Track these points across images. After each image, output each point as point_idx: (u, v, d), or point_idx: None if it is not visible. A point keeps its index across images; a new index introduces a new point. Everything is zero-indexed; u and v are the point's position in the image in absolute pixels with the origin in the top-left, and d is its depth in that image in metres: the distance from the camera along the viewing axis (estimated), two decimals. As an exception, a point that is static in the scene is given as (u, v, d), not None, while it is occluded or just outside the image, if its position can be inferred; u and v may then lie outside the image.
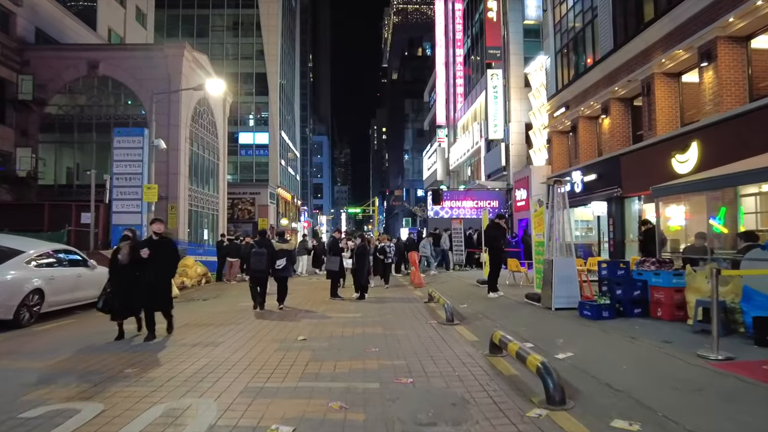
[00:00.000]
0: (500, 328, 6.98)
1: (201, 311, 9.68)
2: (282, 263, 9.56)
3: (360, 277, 11.13)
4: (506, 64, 25.24)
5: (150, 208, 13.61)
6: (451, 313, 7.87)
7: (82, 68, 22.79)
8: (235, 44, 47.03)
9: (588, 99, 16.82)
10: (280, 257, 9.57)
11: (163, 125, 22.72)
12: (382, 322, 8.02)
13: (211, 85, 14.99)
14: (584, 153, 17.67)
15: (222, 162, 29.80)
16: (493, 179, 25.90)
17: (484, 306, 9.29)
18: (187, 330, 7.48)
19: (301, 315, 8.90)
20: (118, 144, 13.80)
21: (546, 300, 8.38)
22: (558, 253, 8.31)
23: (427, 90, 53.11)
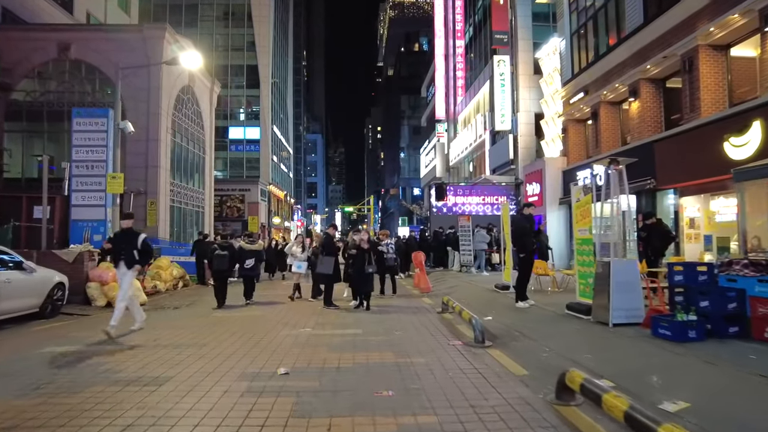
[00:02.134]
0: (550, 352, 5.19)
1: (164, 324, 7.80)
2: (250, 263, 10.35)
3: (359, 281, 9.32)
4: (514, 50, 23.47)
5: (115, 201, 11.70)
6: (482, 331, 6.05)
7: (51, 51, 20.76)
8: (226, 35, 45.01)
9: (611, 81, 15.07)
10: (249, 257, 10.30)
11: (142, 113, 20.83)
12: (390, 343, 6.18)
13: (187, 59, 13.09)
14: (606, 142, 15.92)
15: (209, 156, 27.84)
16: (500, 173, 24.13)
17: (516, 319, 7.48)
18: (134, 354, 5.61)
19: (286, 331, 7.05)
20: (77, 126, 11.90)
21: (599, 313, 6.58)
22: (614, 254, 6.51)
23: (424, 85, 51.31)
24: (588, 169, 16.20)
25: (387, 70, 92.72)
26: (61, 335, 6.98)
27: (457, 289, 11.92)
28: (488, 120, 26.33)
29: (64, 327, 7.79)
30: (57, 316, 8.89)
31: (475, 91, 30.26)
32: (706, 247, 11.70)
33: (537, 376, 4.62)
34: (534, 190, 19.16)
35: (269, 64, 45.35)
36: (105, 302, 10.49)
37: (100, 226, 11.71)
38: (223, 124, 42.95)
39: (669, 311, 5.97)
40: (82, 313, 9.40)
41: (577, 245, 7.57)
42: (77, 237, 11.44)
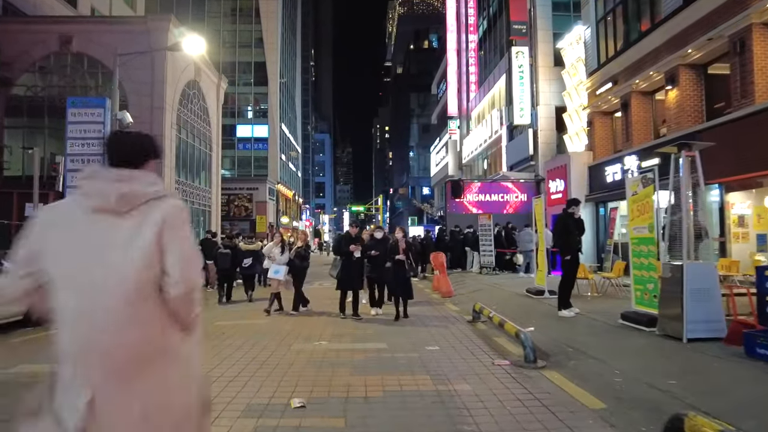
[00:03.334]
0: (622, 375, 4.21)
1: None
2: (248, 262, 10.88)
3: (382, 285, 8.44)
4: (532, 42, 22.40)
5: (112, 198, 10.82)
6: (533, 348, 5.06)
7: (53, 44, 20.07)
8: (233, 31, 44.30)
9: (645, 69, 13.99)
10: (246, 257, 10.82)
11: (146, 108, 20.10)
12: (422, 362, 5.21)
13: (190, 45, 12.21)
14: (638, 134, 14.83)
15: (215, 153, 27.06)
16: (517, 170, 23.07)
17: (563, 331, 6.47)
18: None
19: (298, 345, 6.11)
20: (72, 117, 11.04)
21: (668, 325, 5.57)
22: (686, 256, 5.50)
23: (435, 82, 50.29)
24: (618, 164, 15.15)
25: (396, 68, 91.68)
26: (40, 348, 6.09)
27: (483, 294, 10.92)
28: (505, 115, 25.29)
29: (48, 338, 6.89)
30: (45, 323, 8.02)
31: (489, 85, 29.23)
32: (758, 247, 10.62)
33: (618, 409, 3.64)
34: (557, 187, 18.09)
35: (277, 61, 44.57)
36: (100, 307, 9.62)
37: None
38: (230, 122, 42.25)
39: (761, 325, 4.95)
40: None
41: (632, 245, 6.55)
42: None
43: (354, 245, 7.97)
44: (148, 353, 1.52)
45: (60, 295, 1.52)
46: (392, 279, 7.97)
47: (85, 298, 1.49)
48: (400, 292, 7.98)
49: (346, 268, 8.05)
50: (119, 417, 1.45)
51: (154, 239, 1.52)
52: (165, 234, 1.54)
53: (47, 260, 1.53)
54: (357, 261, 8.05)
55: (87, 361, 1.48)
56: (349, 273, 8.01)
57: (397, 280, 7.93)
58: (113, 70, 11.20)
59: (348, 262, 8.04)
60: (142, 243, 1.51)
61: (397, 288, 7.99)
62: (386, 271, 7.96)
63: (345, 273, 8.05)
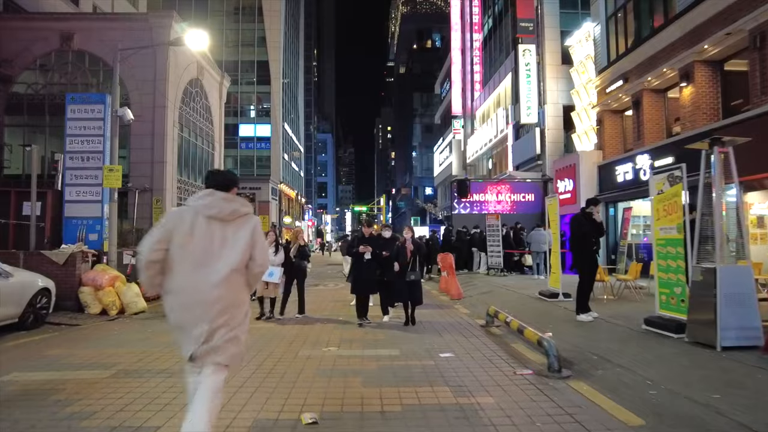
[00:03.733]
0: (656, 387, 3.89)
1: (161, 339, 6.58)
2: None
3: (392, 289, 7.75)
4: (540, 39, 22.06)
5: (113, 197, 10.53)
6: (557, 357, 4.74)
7: (54, 41, 19.85)
8: (236, 30, 44.03)
9: (658, 66, 13.65)
10: None
11: (148, 106, 19.86)
12: (440, 371, 4.89)
13: (192, 39, 11.92)
14: (650, 133, 14.49)
15: (218, 152, 26.79)
16: (524, 170, 22.72)
17: (584, 337, 6.15)
18: (115, 388, 4.37)
19: (306, 351, 5.80)
20: (71, 114, 10.72)
21: (699, 331, 5.25)
22: (719, 258, 5.18)
23: (438, 81, 49.93)
24: (629, 163, 14.83)
25: (399, 68, 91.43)
26: (34, 354, 5.79)
27: (493, 296, 10.60)
28: (511, 113, 24.97)
29: (43, 342, 6.61)
30: (41, 326, 7.74)
31: (495, 84, 28.90)
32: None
33: (659, 428, 3.33)
34: (566, 186, 17.75)
35: (280, 60, 44.32)
36: (99, 309, 9.34)
37: (96, 224, 10.54)
38: (233, 121, 42.02)
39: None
40: (71, 323, 8.24)
41: (657, 246, 6.22)
42: (71, 236, 10.31)
43: (363, 246, 7.49)
44: (235, 300, 2.68)
45: (179, 265, 2.60)
46: (401, 282, 7.42)
47: (202, 267, 2.59)
48: (407, 296, 7.50)
49: (357, 270, 7.68)
50: (221, 333, 2.60)
51: (249, 239, 2.69)
52: (254, 236, 2.72)
53: (174, 242, 2.60)
54: (369, 263, 7.54)
55: (205, 308, 2.57)
56: (360, 275, 7.57)
57: (405, 284, 7.42)
58: (113, 66, 10.90)
59: (358, 263, 7.64)
60: (243, 240, 2.67)
61: (405, 292, 7.50)
62: (394, 274, 7.46)
63: (356, 275, 7.69)
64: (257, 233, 2.75)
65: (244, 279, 2.73)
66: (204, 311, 2.56)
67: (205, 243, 2.61)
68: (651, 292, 9.53)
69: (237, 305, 2.70)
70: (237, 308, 2.70)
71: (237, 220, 2.71)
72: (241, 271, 2.69)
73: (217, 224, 2.65)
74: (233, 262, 2.63)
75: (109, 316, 9.18)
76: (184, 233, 2.60)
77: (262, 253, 2.77)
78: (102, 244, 10.47)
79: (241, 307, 2.73)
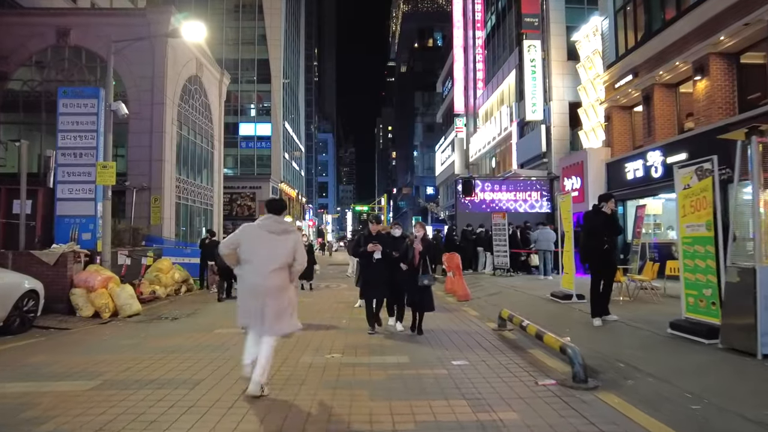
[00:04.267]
0: (696, 400, 3.47)
1: (153, 343, 6.19)
2: None
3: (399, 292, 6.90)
4: (545, 35, 21.64)
5: (107, 195, 10.13)
6: (583, 365, 4.33)
7: (50, 37, 19.40)
8: (236, 28, 43.61)
9: (669, 60, 13.22)
10: None
11: (146, 103, 19.44)
12: (454, 381, 4.49)
13: (188, 30, 11.53)
14: (662, 129, 14.07)
15: (218, 150, 26.36)
16: (529, 168, 22.31)
17: (607, 342, 5.74)
18: (93, 404, 3.96)
19: (307, 358, 5.40)
20: (64, 109, 10.33)
21: (734, 337, 4.83)
22: (758, 258, 4.77)
23: (440, 80, 49.49)
24: (640, 160, 14.40)
25: (400, 67, 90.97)
26: (15, 361, 5.39)
27: (501, 298, 10.19)
28: (515, 111, 24.55)
29: (28, 347, 6.22)
30: (28, 330, 7.34)
31: (498, 81, 28.48)
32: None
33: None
34: (573, 184, 17.33)
35: (281, 58, 43.92)
36: (91, 312, 8.94)
37: (90, 222, 10.13)
38: (233, 120, 41.63)
39: None
40: (61, 327, 7.85)
41: (684, 245, 5.81)
42: (63, 235, 9.90)
43: (372, 244, 6.63)
44: (282, 286, 4.06)
45: (246, 261, 4.07)
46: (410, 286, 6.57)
47: (262, 264, 4.02)
48: (416, 301, 6.64)
49: (365, 272, 6.90)
50: (273, 309, 3.99)
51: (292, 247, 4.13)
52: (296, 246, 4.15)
53: (243, 246, 4.08)
54: (378, 263, 6.68)
55: (262, 289, 3.99)
56: (369, 278, 6.75)
57: (416, 288, 6.53)
58: (107, 59, 10.53)
59: (367, 265, 6.82)
60: (289, 247, 4.12)
61: (414, 296, 6.65)
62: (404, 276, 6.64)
63: (365, 278, 6.86)
64: (298, 243, 4.29)
65: (287, 274, 4.21)
66: (260, 292, 4.06)
67: (264, 248, 4.12)
68: (667, 293, 9.17)
69: (283, 290, 4.16)
70: (282, 292, 4.16)
71: (284, 235, 4.20)
72: (285, 269, 4.18)
73: (273, 236, 4.16)
74: (280, 262, 4.14)
75: (101, 319, 8.78)
76: (251, 241, 4.15)
77: (301, 257, 4.27)
78: (95, 243, 10.07)
79: (285, 292, 4.19)
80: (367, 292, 6.87)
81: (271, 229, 4.14)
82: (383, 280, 6.69)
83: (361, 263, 7.27)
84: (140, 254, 11.47)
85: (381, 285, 6.69)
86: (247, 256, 4.10)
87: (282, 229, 4.18)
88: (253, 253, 4.07)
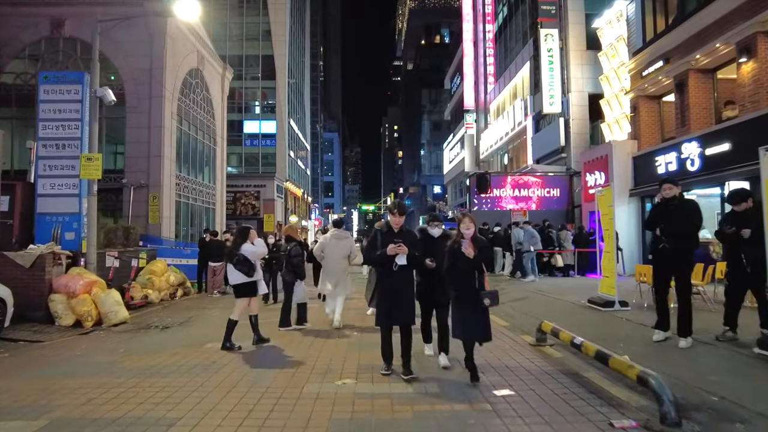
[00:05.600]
0: None
1: (135, 360, 5.20)
2: None
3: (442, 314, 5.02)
4: (563, 24, 20.55)
5: (92, 190, 9.18)
6: (674, 403, 3.29)
7: (44, 27, 18.60)
8: (240, 24, 42.71)
9: (708, 42, 12.10)
10: None
11: (144, 97, 18.59)
12: (502, 419, 3.47)
13: (181, 8, 10.58)
14: (697, 118, 12.95)
15: (220, 147, 25.47)
16: (545, 164, 21.21)
17: (680, 365, 4.68)
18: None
19: (313, 387, 4.40)
20: (45, 95, 9.38)
21: None
22: None
23: (448, 76, 48.39)
24: (673, 152, 13.29)
25: (406, 65, 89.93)
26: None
27: (529, 304, 9.13)
28: (530, 104, 23.47)
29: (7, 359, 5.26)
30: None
31: (511, 74, 27.41)
32: None
33: None
34: (597, 180, 16.22)
35: (285, 54, 43.00)
36: (72, 320, 8.00)
37: (74, 221, 9.18)
38: (237, 117, 40.75)
39: None
40: (33, 339, 6.90)
41: (773, 246, 4.75)
42: (44, 235, 8.97)
43: (395, 245, 4.48)
44: (344, 269, 7.60)
45: (327, 258, 7.48)
46: (464, 308, 4.50)
47: (334, 258, 7.45)
48: (468, 329, 4.49)
49: (382, 286, 4.76)
50: (342, 281, 7.46)
51: (350, 247, 7.60)
52: (351, 246, 7.64)
53: (325, 248, 7.49)
54: (403, 273, 4.61)
55: (334, 272, 7.47)
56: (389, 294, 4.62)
57: (467, 310, 4.47)
58: (93, 39, 9.61)
59: (386, 274, 4.67)
60: (347, 248, 7.54)
61: (463, 322, 4.50)
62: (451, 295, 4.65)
63: (381, 293, 4.75)
64: (352, 244, 7.59)
65: (347, 262, 7.46)
66: (335, 274, 7.36)
67: (335, 249, 7.34)
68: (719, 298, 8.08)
69: (345, 272, 7.47)
70: (345, 273, 7.46)
71: (344, 240, 7.48)
72: (346, 260, 7.46)
73: (337, 241, 7.39)
74: (344, 255, 7.40)
75: (83, 328, 7.84)
76: (328, 245, 7.37)
77: (354, 252, 7.55)
78: (80, 244, 9.13)
79: (346, 272, 7.48)
80: (384, 315, 4.62)
81: (337, 237, 7.43)
82: (409, 298, 4.67)
83: (377, 273, 5.47)
84: (131, 255, 10.52)
85: (406, 305, 4.60)
86: (327, 253, 7.35)
87: (343, 236, 7.53)
88: (329, 251, 7.33)
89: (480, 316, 4.50)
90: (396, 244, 4.49)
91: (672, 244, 5.48)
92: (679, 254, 5.44)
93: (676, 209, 5.52)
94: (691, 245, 5.47)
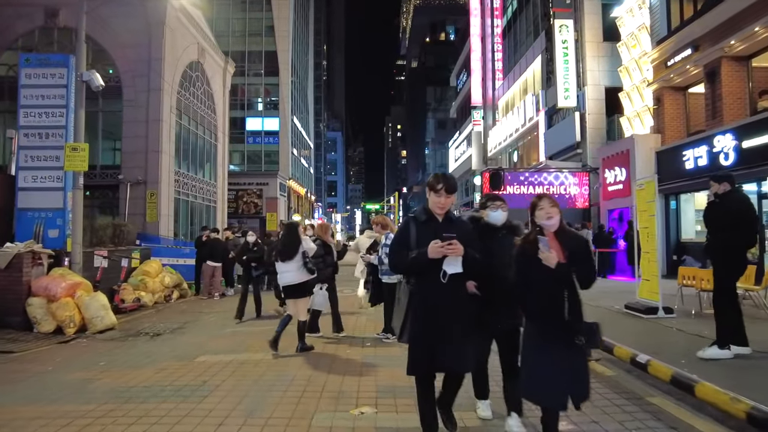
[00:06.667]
0: None
1: (114, 375, 4.40)
2: None
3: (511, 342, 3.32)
4: (578, 14, 19.68)
5: (77, 183, 8.40)
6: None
7: (38, 17, 17.86)
8: (242, 20, 41.94)
9: (745, 27, 11.22)
10: None
11: (142, 90, 17.83)
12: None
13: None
14: (731, 109, 12.07)
15: (222, 143, 24.70)
16: (559, 160, 20.34)
17: (748, 383, 3.83)
18: None
19: (324, 412, 3.60)
20: (26, 80, 8.60)
21: None
22: None
23: (454, 73, 47.53)
24: (703, 146, 12.42)
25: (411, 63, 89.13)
26: None
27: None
28: (543, 99, 22.59)
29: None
30: None
31: (521, 69, 26.55)
32: None
33: None
34: (617, 176, 15.36)
35: (289, 50, 42.23)
36: (53, 327, 7.21)
37: (57, 217, 8.39)
38: (240, 114, 40.05)
39: None
40: (3, 349, 6.10)
41: None
42: (26, 232, 8.19)
43: (444, 244, 2.77)
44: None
45: None
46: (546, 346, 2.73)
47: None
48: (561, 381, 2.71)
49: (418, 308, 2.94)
50: None
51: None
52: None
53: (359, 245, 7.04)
54: (455, 286, 2.93)
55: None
56: (429, 323, 2.88)
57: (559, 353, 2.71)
58: (79, 17, 8.86)
59: (429, 291, 2.91)
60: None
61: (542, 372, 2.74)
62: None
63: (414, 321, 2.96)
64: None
65: None
66: None
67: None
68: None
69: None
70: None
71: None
72: None
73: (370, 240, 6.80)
74: None
75: (64, 335, 7.05)
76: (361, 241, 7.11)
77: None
78: (64, 242, 8.35)
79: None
80: (425, 355, 2.88)
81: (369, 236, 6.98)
82: (467, 327, 2.95)
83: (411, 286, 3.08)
84: (122, 255, 9.73)
85: (460, 338, 2.90)
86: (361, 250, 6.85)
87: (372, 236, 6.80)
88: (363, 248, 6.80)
89: (571, 364, 2.73)
90: (445, 241, 2.77)
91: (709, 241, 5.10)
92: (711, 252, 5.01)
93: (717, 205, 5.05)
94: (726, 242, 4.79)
